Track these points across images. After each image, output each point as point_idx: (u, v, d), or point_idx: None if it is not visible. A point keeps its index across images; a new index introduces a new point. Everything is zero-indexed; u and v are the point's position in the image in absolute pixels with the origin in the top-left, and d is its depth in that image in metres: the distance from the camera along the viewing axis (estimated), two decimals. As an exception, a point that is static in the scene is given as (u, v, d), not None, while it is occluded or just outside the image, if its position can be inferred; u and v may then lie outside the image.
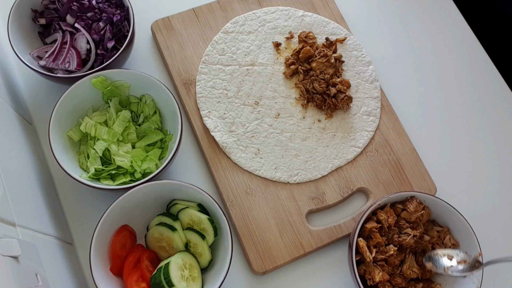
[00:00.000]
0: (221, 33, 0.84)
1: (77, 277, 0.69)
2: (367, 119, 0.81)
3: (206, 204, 0.69)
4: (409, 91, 0.87)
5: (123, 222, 0.69)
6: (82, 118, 0.74)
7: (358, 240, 0.68)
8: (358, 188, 0.78)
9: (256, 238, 0.73)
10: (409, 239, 0.69)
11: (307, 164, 0.78)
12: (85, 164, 0.71)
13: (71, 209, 0.75)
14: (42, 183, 0.72)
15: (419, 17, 0.93)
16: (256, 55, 0.83)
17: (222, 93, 0.80)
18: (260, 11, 0.86)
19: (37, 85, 0.81)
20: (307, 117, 0.80)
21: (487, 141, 0.85)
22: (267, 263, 0.72)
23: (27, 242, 0.56)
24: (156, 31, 0.84)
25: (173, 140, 0.73)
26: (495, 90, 0.89)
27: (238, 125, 0.79)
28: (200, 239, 0.67)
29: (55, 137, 0.69)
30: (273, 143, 0.78)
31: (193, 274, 0.65)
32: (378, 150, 0.80)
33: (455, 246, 0.70)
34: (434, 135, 0.84)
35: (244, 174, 0.77)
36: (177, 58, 0.82)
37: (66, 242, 0.71)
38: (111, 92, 0.74)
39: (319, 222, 0.76)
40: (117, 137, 0.73)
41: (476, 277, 0.66)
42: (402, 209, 0.71)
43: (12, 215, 0.56)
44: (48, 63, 0.75)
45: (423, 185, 0.78)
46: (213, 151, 0.77)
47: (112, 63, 0.73)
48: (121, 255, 0.67)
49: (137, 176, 0.71)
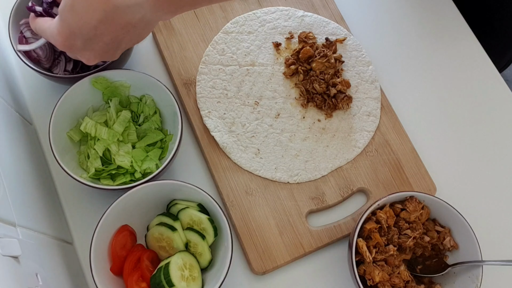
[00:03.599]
0: (221, 33, 0.84)
1: (77, 277, 0.69)
2: (367, 119, 0.81)
3: (206, 204, 0.69)
4: (409, 91, 0.87)
5: (123, 222, 0.69)
6: (82, 118, 0.74)
7: (358, 241, 0.68)
8: (358, 188, 0.78)
9: (256, 238, 0.73)
10: (409, 242, 0.69)
11: (307, 164, 0.78)
12: (85, 164, 0.72)
13: (71, 209, 0.75)
14: (42, 183, 0.72)
15: (419, 17, 0.93)
16: (256, 55, 0.83)
17: (222, 93, 0.80)
18: (260, 11, 0.86)
19: (37, 85, 0.81)
20: (307, 117, 0.80)
21: (487, 141, 0.85)
22: (267, 263, 0.72)
23: (27, 242, 0.56)
24: (156, 31, 0.84)
25: (173, 140, 0.73)
26: (496, 90, 0.89)
27: (238, 125, 0.79)
28: (200, 239, 0.67)
29: (55, 137, 0.69)
30: (273, 143, 0.78)
31: (193, 274, 0.65)
32: (378, 150, 0.80)
33: (454, 248, 0.70)
34: (434, 135, 0.84)
35: (244, 174, 0.77)
36: (177, 58, 0.83)
37: (66, 242, 0.71)
38: (111, 92, 0.74)
39: (319, 222, 0.76)
40: (117, 137, 0.73)
41: (476, 277, 0.67)
42: (402, 209, 0.71)
43: (12, 215, 0.56)
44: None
45: (423, 185, 0.78)
46: (213, 151, 0.78)
47: (112, 63, 0.73)
48: (121, 255, 0.67)
49: (137, 176, 0.71)
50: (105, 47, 0.60)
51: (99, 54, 0.61)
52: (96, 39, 0.58)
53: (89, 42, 0.58)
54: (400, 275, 0.68)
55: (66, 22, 0.57)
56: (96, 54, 0.61)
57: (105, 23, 0.56)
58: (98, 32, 0.57)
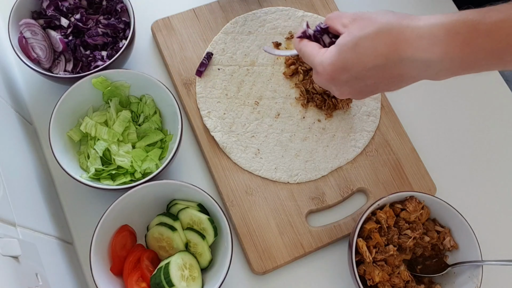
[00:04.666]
0: (221, 34, 0.84)
1: (77, 277, 0.69)
2: (367, 119, 0.81)
3: (206, 204, 0.69)
4: (409, 91, 0.87)
5: (123, 222, 0.69)
6: (82, 118, 0.74)
7: (358, 241, 0.68)
8: (358, 188, 0.78)
9: (256, 238, 0.73)
10: (409, 242, 0.69)
11: (307, 164, 0.78)
12: (85, 164, 0.72)
13: (71, 209, 0.75)
14: (42, 183, 0.72)
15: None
16: (256, 55, 0.83)
17: (222, 93, 0.80)
18: (260, 11, 0.86)
19: (37, 85, 0.81)
20: (307, 117, 0.80)
21: (488, 141, 0.85)
22: (267, 263, 0.72)
23: (27, 242, 0.56)
24: (156, 31, 0.84)
25: (173, 140, 0.73)
26: (496, 90, 0.89)
27: (238, 125, 0.79)
28: (200, 239, 0.67)
29: (55, 137, 0.69)
30: (273, 143, 0.78)
31: (193, 274, 0.65)
32: (378, 150, 0.80)
33: (454, 248, 0.70)
34: (434, 135, 0.84)
35: (244, 174, 0.77)
36: (177, 58, 0.83)
37: (66, 242, 0.71)
38: (111, 92, 0.74)
39: (319, 222, 0.76)
40: (117, 137, 0.73)
41: (476, 277, 0.67)
42: (402, 209, 0.71)
43: (12, 215, 0.56)
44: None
45: (423, 185, 0.78)
46: (213, 151, 0.78)
47: (112, 63, 0.73)
48: (121, 255, 0.67)
49: (137, 176, 0.71)
50: (363, 88, 0.59)
51: (355, 93, 0.61)
52: (361, 80, 0.58)
53: (353, 80, 0.58)
54: (400, 275, 0.68)
55: (343, 56, 0.57)
56: (352, 92, 0.60)
57: (381, 70, 0.55)
58: (368, 74, 0.56)
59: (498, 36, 0.49)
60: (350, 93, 0.61)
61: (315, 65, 0.61)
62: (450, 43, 0.50)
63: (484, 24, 0.49)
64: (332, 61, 0.58)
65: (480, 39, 0.49)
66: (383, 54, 0.54)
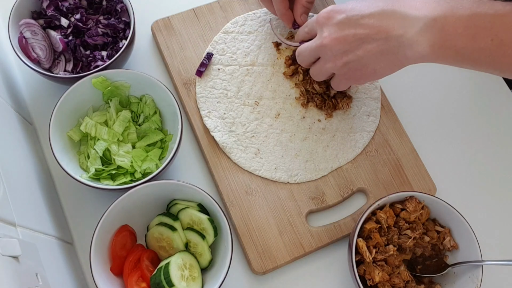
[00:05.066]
0: (221, 33, 0.84)
1: (77, 277, 0.69)
2: (367, 119, 0.81)
3: (206, 204, 0.69)
4: (409, 91, 0.87)
5: (123, 222, 0.69)
6: (82, 118, 0.74)
7: (358, 241, 0.68)
8: (358, 188, 0.78)
9: (256, 238, 0.73)
10: (409, 242, 0.69)
11: (307, 164, 0.78)
12: (85, 164, 0.72)
13: (71, 209, 0.75)
14: (42, 183, 0.72)
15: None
16: (256, 55, 0.83)
17: (222, 93, 0.80)
18: (260, 11, 0.86)
19: (37, 85, 0.81)
20: (307, 117, 0.80)
21: (488, 141, 0.85)
22: (267, 263, 0.72)
23: (27, 242, 0.56)
24: (156, 31, 0.84)
25: (173, 140, 0.73)
26: (496, 90, 0.89)
27: (238, 125, 0.79)
28: (200, 239, 0.67)
29: (55, 137, 0.69)
30: (273, 143, 0.78)
31: (193, 274, 0.65)
32: (378, 150, 0.80)
33: (454, 248, 0.70)
34: (434, 135, 0.84)
35: (244, 174, 0.77)
36: (177, 58, 0.83)
37: (66, 242, 0.71)
38: (111, 92, 0.74)
39: (319, 222, 0.76)
40: (117, 137, 0.73)
41: (476, 276, 0.67)
42: (402, 209, 0.71)
43: (12, 215, 0.56)
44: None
45: (423, 185, 0.78)
46: (213, 151, 0.78)
47: (112, 63, 0.73)
48: (121, 255, 0.67)
49: (137, 176, 0.71)
50: (351, 39, 0.64)
51: (343, 41, 0.65)
52: (353, 27, 0.64)
53: (346, 24, 0.64)
54: (400, 275, 0.68)
55: (345, 3, 0.66)
56: (340, 39, 0.65)
57: (373, 19, 0.62)
58: (362, 22, 0.63)
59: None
60: (338, 39, 0.66)
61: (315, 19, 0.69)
62: (437, 7, 0.58)
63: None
64: (334, 5, 0.68)
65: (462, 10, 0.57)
66: (380, 5, 0.62)
